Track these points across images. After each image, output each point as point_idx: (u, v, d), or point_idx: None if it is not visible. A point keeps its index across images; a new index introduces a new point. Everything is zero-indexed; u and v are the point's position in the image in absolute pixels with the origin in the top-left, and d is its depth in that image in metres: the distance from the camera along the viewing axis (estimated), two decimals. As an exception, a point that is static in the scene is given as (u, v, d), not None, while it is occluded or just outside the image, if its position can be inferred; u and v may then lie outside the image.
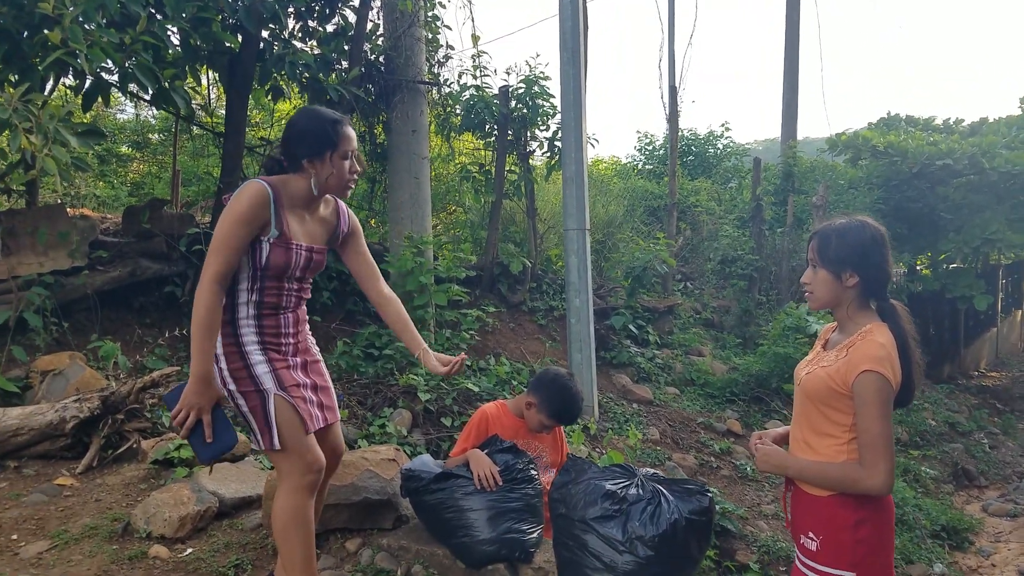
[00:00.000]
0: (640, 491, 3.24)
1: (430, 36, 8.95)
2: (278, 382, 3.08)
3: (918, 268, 16.21)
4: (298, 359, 3.22)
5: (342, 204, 3.43)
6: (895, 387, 2.62)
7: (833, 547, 2.71)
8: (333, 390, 3.42)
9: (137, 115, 12.84)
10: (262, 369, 3.06)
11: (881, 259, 2.77)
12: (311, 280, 3.35)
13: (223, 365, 3.05)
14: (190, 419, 2.96)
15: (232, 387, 3.05)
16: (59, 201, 8.41)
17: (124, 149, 13.28)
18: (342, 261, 3.59)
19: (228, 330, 3.06)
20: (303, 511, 3.14)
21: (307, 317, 3.41)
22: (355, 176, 3.24)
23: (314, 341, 3.44)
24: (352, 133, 3.20)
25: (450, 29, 10.79)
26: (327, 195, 3.30)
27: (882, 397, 2.59)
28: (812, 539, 2.77)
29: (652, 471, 3.49)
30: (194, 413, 2.96)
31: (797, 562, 2.87)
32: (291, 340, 3.22)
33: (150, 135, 13.49)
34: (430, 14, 8.76)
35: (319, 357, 3.41)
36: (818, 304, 2.86)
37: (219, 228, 2.98)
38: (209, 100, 9.64)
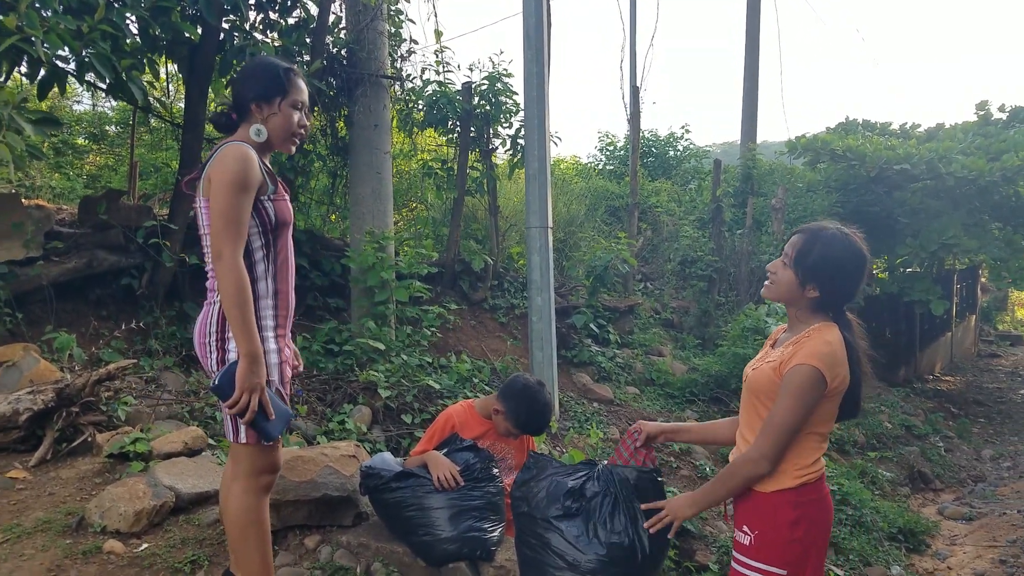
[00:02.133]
0: (597, 483, 3.22)
1: (393, 30, 8.89)
2: (281, 376, 3.02)
3: (875, 272, 16.39)
4: (288, 350, 3.15)
5: None
6: (830, 387, 2.63)
7: (767, 544, 2.73)
8: None
9: (94, 106, 12.67)
10: (273, 359, 2.99)
11: (852, 284, 2.80)
12: None
13: (232, 347, 2.91)
14: (253, 402, 2.82)
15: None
16: (13, 191, 8.24)
17: (80, 141, 13.08)
18: None
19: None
20: (259, 510, 3.10)
21: None
22: (303, 131, 3.12)
23: None
24: (304, 86, 3.11)
25: (414, 23, 10.78)
26: (270, 152, 3.17)
27: (804, 390, 2.61)
28: (746, 534, 2.79)
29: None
30: (255, 394, 2.82)
31: (732, 556, 2.89)
32: (291, 321, 3.16)
33: (107, 127, 13.32)
34: (393, 8, 8.71)
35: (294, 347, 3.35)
36: (772, 296, 2.90)
37: (220, 200, 2.83)
38: (168, 92, 9.51)
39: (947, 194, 13.48)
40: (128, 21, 6.01)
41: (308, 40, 7.75)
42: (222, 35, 6.96)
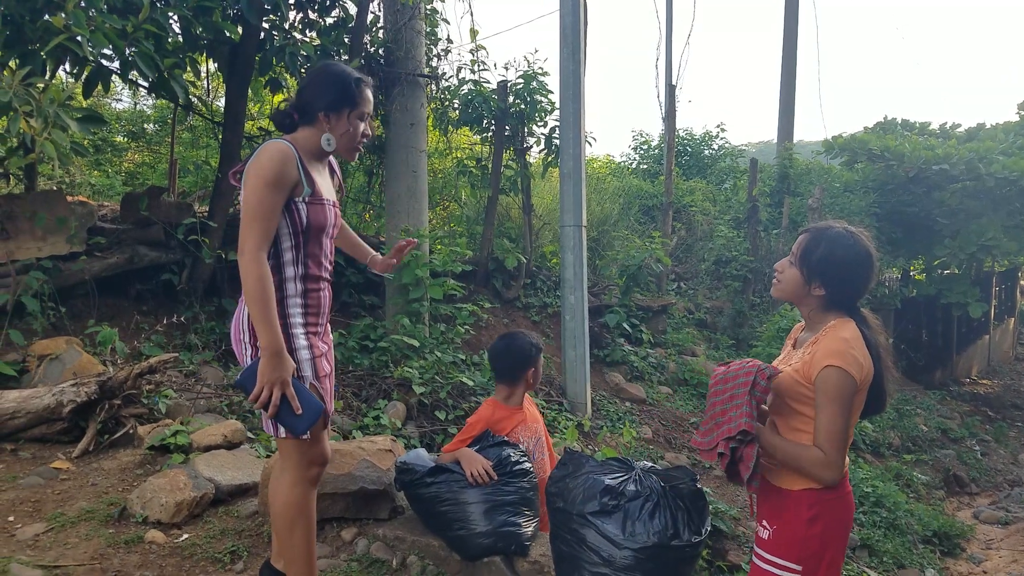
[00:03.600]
0: (638, 487, 3.25)
1: (429, 29, 8.94)
2: (315, 371, 3.03)
3: (912, 273, 16.25)
4: (324, 345, 3.16)
5: (333, 161, 3.35)
6: (859, 382, 2.63)
7: (784, 539, 2.74)
8: None
9: (136, 104, 12.82)
10: (304, 355, 3.00)
11: (858, 282, 2.79)
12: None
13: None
14: (275, 396, 2.82)
15: None
16: (55, 187, 8.39)
17: (120, 139, 13.24)
18: None
19: (277, 308, 2.93)
20: (308, 504, 3.13)
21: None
22: (365, 140, 3.15)
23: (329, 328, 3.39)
24: (371, 96, 3.13)
25: (449, 23, 10.80)
26: (328, 156, 3.21)
27: (841, 392, 2.61)
28: (766, 528, 2.82)
29: (649, 464, 3.49)
30: (277, 388, 2.82)
31: (753, 550, 2.90)
32: (326, 321, 3.18)
33: (145, 125, 13.47)
34: (429, 7, 8.76)
35: (331, 343, 3.36)
36: (780, 295, 2.92)
37: (249, 196, 2.85)
38: (208, 90, 9.63)
39: (987, 195, 13.34)
40: (171, 21, 6.11)
41: (346, 39, 7.82)
42: (262, 34, 7.04)
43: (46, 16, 5.19)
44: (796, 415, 2.76)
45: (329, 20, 7.81)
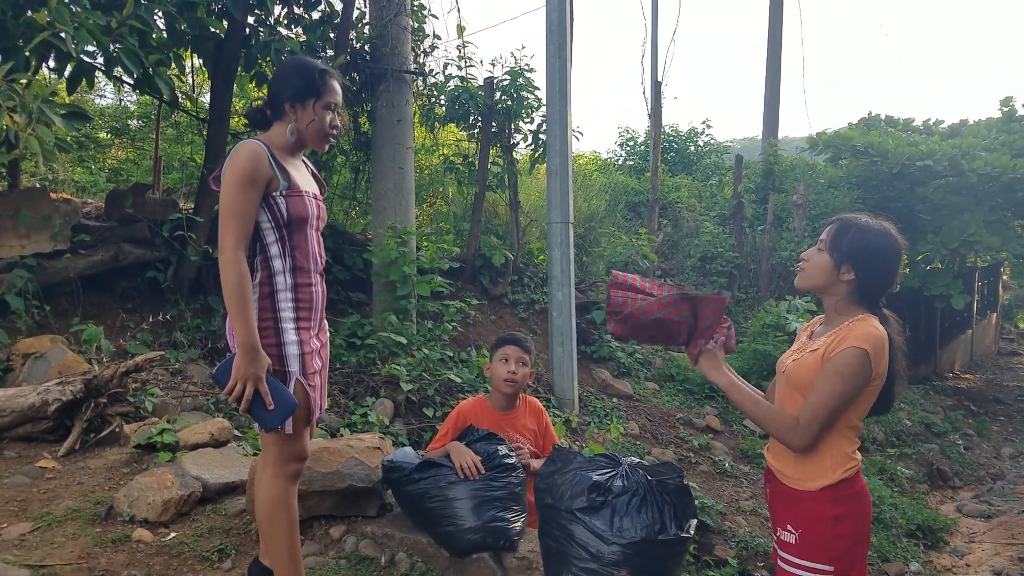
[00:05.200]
0: (625, 482, 3.25)
1: (416, 25, 8.93)
2: (303, 367, 3.05)
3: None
4: (318, 342, 3.17)
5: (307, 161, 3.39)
6: (874, 371, 2.62)
7: (812, 541, 2.71)
8: None
9: (120, 100, 12.75)
10: (293, 350, 3.02)
11: (887, 271, 2.76)
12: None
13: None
14: (248, 390, 2.86)
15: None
16: (39, 184, 8.33)
17: (103, 135, 13.17)
18: None
19: (267, 303, 3.01)
20: (289, 498, 3.13)
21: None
22: (335, 131, 3.19)
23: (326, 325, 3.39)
24: (338, 87, 3.17)
25: (436, 18, 10.80)
26: (302, 150, 3.25)
27: (853, 372, 2.59)
28: (791, 532, 2.78)
29: (636, 460, 3.50)
30: (250, 384, 2.85)
31: (775, 555, 2.89)
32: (320, 317, 3.20)
33: (129, 121, 13.40)
34: (416, 3, 8.74)
35: (327, 340, 3.37)
36: (806, 283, 2.87)
37: (225, 195, 2.92)
38: (193, 86, 9.59)
39: (969, 191, 13.41)
40: (155, 17, 6.07)
41: (332, 35, 7.80)
42: (247, 30, 7.01)
43: (29, 12, 5.15)
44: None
45: (314, 15, 7.79)
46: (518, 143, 10.36)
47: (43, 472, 4.56)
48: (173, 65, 6.80)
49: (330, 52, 7.78)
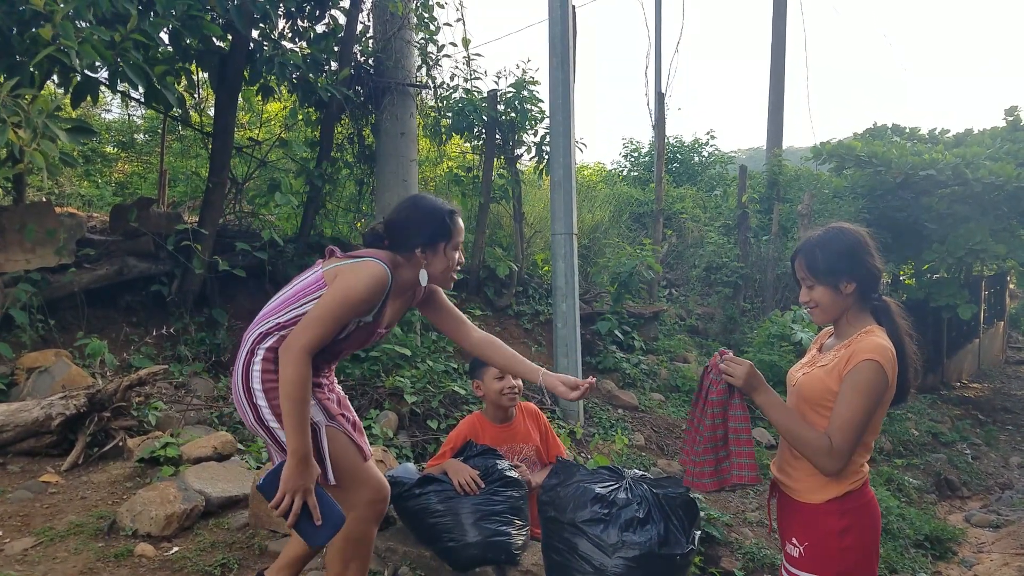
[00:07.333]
0: (628, 495, 3.25)
1: (420, 38, 8.95)
2: (326, 412, 2.95)
3: (901, 278, 16.28)
4: (333, 395, 3.11)
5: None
6: (890, 384, 2.61)
7: (818, 554, 2.70)
8: None
9: (128, 115, 12.79)
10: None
11: (870, 259, 2.78)
12: None
13: (262, 402, 2.85)
14: (296, 504, 2.71)
15: (275, 424, 2.83)
16: (44, 199, 8.36)
17: (109, 149, 13.22)
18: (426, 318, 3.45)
19: (271, 367, 2.85)
20: (368, 540, 3.11)
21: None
22: (459, 267, 3.12)
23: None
24: (462, 224, 3.11)
25: (450, 26, 10.82)
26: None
27: (871, 386, 2.58)
28: (796, 546, 2.76)
29: (640, 472, 3.49)
30: (299, 496, 2.71)
31: (783, 569, 2.87)
32: (331, 377, 3.15)
33: (135, 135, 13.45)
34: (425, 16, 8.76)
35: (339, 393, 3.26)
36: (826, 318, 2.84)
37: (327, 299, 2.79)
38: (197, 100, 9.62)
39: (975, 200, 13.38)
40: (163, 32, 6.10)
41: (336, 49, 7.83)
42: (252, 44, 7.04)
43: (34, 28, 5.18)
44: (821, 420, 2.71)
45: (319, 29, 7.82)
46: (522, 155, 10.37)
47: (46, 487, 4.57)
48: (183, 78, 6.83)
49: (334, 65, 7.80)
